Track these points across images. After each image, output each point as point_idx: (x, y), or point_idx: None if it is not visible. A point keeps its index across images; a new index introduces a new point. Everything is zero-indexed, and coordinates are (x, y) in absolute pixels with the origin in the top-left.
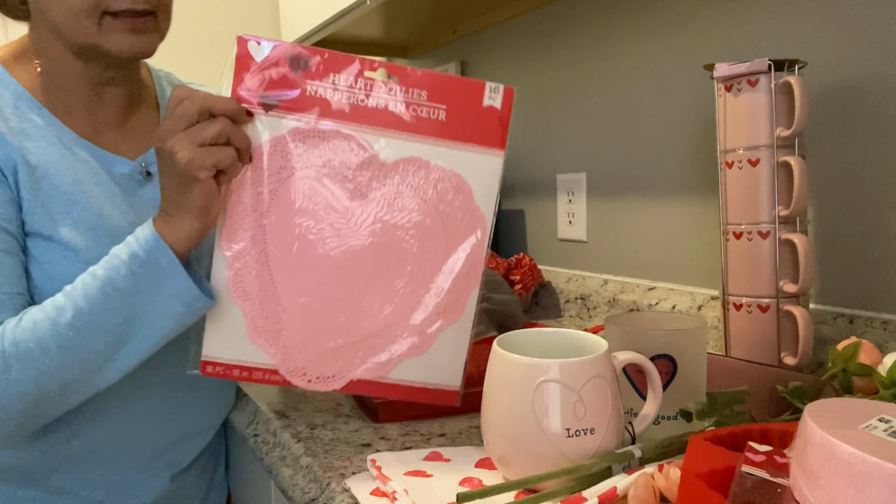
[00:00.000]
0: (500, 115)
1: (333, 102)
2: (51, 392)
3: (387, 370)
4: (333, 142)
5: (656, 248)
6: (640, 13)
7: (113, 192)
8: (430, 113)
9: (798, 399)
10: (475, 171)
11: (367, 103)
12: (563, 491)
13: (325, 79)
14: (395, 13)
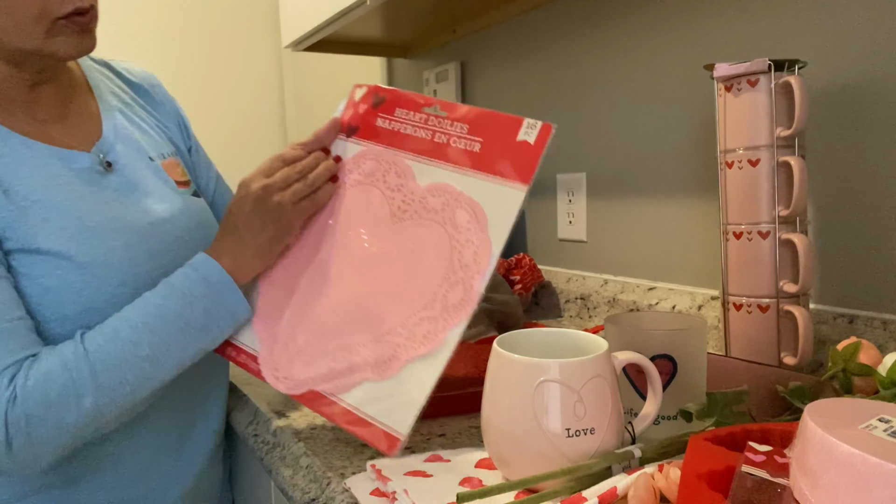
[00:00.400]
0: (532, 151)
1: (393, 132)
2: (114, 420)
3: (345, 388)
4: (383, 164)
5: (656, 248)
6: (640, 13)
7: (81, 190)
8: (466, 145)
9: (798, 399)
10: (495, 202)
11: (417, 134)
12: (563, 491)
13: (392, 113)
14: (395, 13)
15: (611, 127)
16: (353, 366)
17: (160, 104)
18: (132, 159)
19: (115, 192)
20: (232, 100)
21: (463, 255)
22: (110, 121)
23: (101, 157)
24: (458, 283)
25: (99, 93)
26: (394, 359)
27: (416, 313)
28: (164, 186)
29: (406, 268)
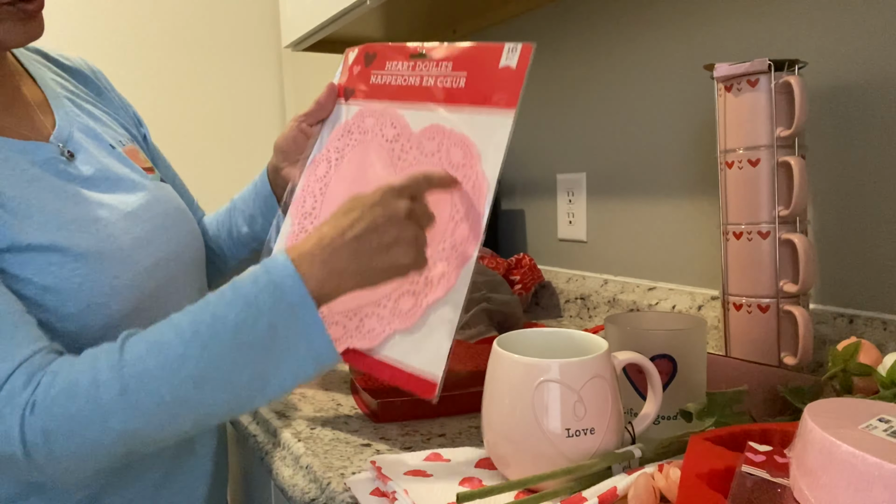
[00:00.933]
0: (515, 75)
1: (386, 87)
2: (147, 445)
3: (377, 341)
4: (380, 119)
5: (656, 248)
6: (640, 13)
7: (52, 184)
8: (452, 82)
9: (798, 399)
10: (484, 134)
11: (408, 83)
12: (563, 491)
13: (384, 67)
14: (395, 13)
15: (611, 127)
16: (382, 319)
17: (104, 91)
18: (93, 147)
19: (84, 183)
20: (232, 100)
21: (461, 193)
22: (61, 109)
23: (62, 147)
24: (462, 221)
25: (42, 81)
26: (415, 306)
27: (429, 256)
28: (133, 174)
29: None
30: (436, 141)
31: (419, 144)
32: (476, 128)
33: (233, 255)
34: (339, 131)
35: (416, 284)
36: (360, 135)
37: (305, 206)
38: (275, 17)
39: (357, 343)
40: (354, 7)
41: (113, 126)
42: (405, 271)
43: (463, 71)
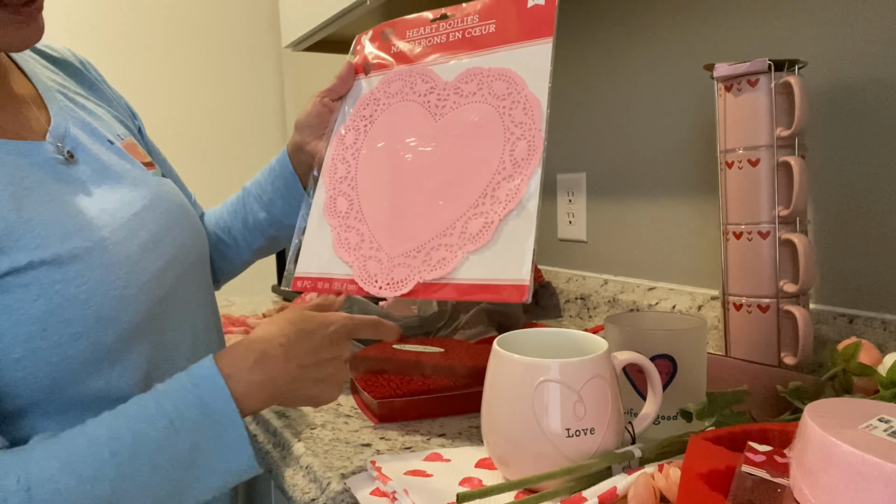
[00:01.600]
0: (546, 9)
1: (409, 51)
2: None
3: (451, 267)
4: (408, 79)
5: (656, 248)
6: (640, 13)
7: (53, 191)
8: (481, 30)
9: (798, 399)
10: (525, 62)
11: (434, 42)
12: (563, 491)
13: (405, 37)
14: (395, 13)
15: (611, 127)
16: (451, 247)
17: (95, 83)
18: (91, 144)
19: (85, 184)
20: (232, 100)
21: (514, 116)
22: (54, 103)
23: (60, 147)
24: (520, 139)
25: (32, 74)
26: (487, 225)
27: (491, 179)
28: (134, 170)
29: (465, 149)
30: (474, 82)
31: (456, 89)
32: (515, 60)
33: (248, 244)
34: (364, 101)
35: (482, 205)
36: (387, 98)
37: (339, 172)
38: (275, 17)
39: (427, 275)
40: (354, 7)
41: (108, 120)
42: (322, 404)
43: (491, 19)
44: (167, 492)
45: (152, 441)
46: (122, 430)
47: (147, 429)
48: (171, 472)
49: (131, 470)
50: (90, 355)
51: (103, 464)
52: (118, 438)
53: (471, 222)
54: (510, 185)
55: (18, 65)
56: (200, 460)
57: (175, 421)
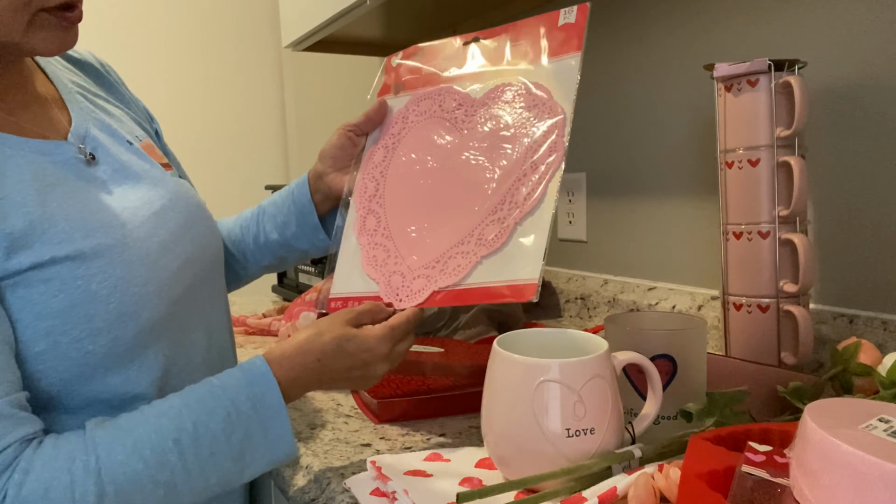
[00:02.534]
0: (576, 26)
1: (440, 73)
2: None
3: (464, 273)
4: (436, 99)
5: (656, 248)
6: (640, 13)
7: (74, 188)
8: (513, 52)
9: (798, 399)
10: (554, 75)
11: (462, 67)
12: (563, 491)
13: (433, 60)
14: (395, 13)
15: (611, 127)
16: (467, 254)
17: (114, 85)
18: (111, 144)
19: (106, 183)
20: (232, 100)
21: (538, 125)
22: (75, 105)
23: (81, 148)
24: (542, 145)
25: (54, 76)
26: (502, 230)
27: (511, 186)
28: (153, 170)
29: (489, 158)
30: (502, 98)
31: (484, 104)
32: (544, 73)
33: (255, 261)
34: (393, 120)
35: (500, 211)
36: (416, 117)
37: (368, 191)
38: (275, 17)
39: (441, 283)
40: (354, 7)
41: (126, 121)
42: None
43: (522, 39)
44: (217, 479)
45: (211, 432)
46: (184, 420)
47: (207, 420)
48: (223, 461)
49: (192, 458)
50: (110, 351)
51: (167, 451)
52: (181, 428)
53: (487, 229)
54: (527, 190)
55: (41, 66)
56: (248, 451)
57: (232, 414)
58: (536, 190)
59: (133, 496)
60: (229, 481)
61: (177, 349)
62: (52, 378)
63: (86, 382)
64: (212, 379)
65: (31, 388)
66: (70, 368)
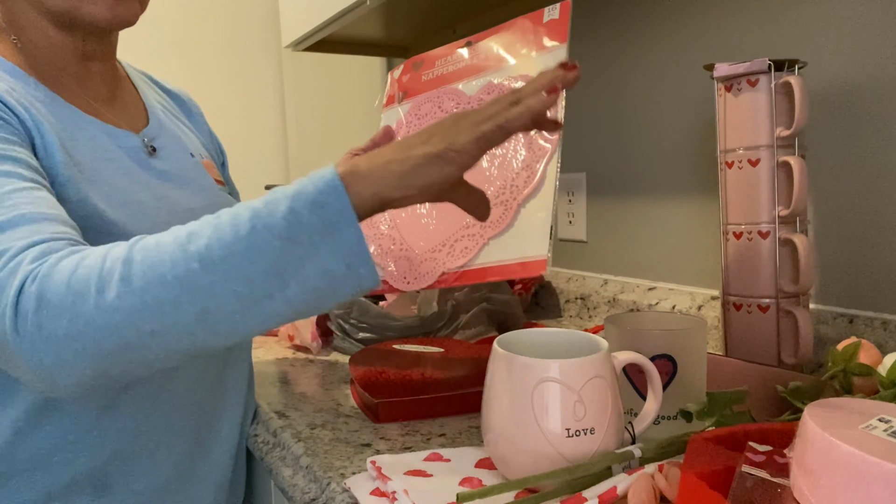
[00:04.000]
0: (560, 22)
1: (440, 77)
2: (146, 338)
3: (473, 254)
4: (436, 100)
5: (656, 248)
6: (640, 14)
7: (128, 166)
8: (503, 51)
9: (798, 399)
10: (543, 64)
11: (460, 66)
12: (563, 491)
13: (434, 66)
14: (395, 13)
15: (611, 127)
16: (473, 237)
17: (195, 116)
18: (175, 150)
19: (158, 174)
20: (231, 99)
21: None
22: (155, 116)
23: (147, 142)
24: (537, 132)
25: (144, 94)
26: (506, 210)
27: (510, 167)
28: (204, 180)
29: (488, 156)
30: (494, 93)
31: (478, 100)
32: (531, 66)
33: None
34: (396, 126)
35: (503, 195)
36: (417, 120)
37: None
38: (275, 17)
39: (450, 264)
40: (354, 7)
41: (196, 142)
42: (442, 159)
43: (510, 37)
44: (265, 268)
45: (249, 210)
46: (244, 210)
47: (270, 211)
48: (269, 240)
49: (229, 230)
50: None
51: (203, 224)
52: (236, 214)
53: (493, 210)
54: (527, 173)
55: (135, 85)
56: (313, 247)
57: (281, 201)
58: (536, 172)
59: (163, 263)
60: (281, 283)
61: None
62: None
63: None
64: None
65: None
66: None
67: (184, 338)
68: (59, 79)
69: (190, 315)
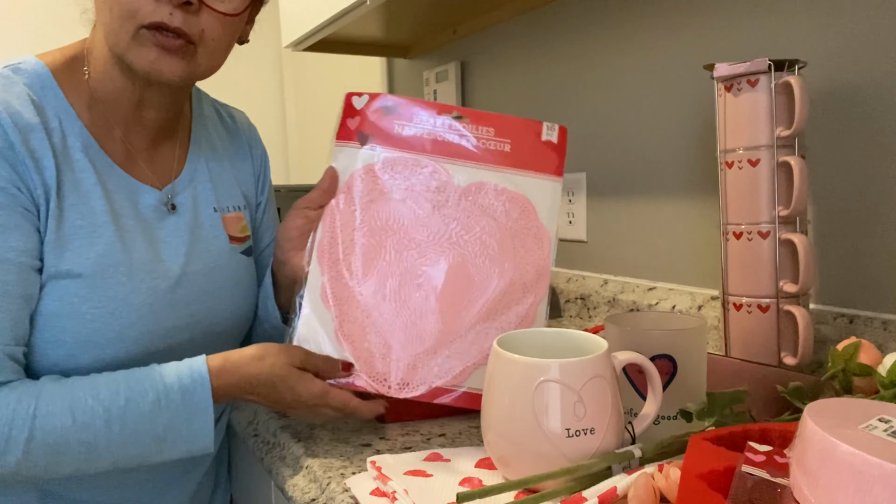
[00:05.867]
0: (557, 148)
1: (416, 138)
2: (47, 477)
3: (462, 380)
4: (415, 169)
5: (656, 248)
6: (639, 13)
7: (136, 226)
8: (497, 146)
9: (798, 399)
10: (537, 192)
11: (444, 138)
12: (563, 491)
13: (411, 120)
14: (395, 13)
15: (611, 127)
16: (462, 358)
17: (249, 157)
18: (196, 206)
19: (169, 231)
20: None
21: (525, 242)
22: (193, 165)
23: (169, 199)
24: (529, 265)
25: (195, 136)
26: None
27: (501, 299)
28: (216, 239)
29: (476, 261)
30: (489, 195)
31: (468, 196)
32: (529, 188)
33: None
34: (360, 178)
35: (494, 322)
36: (391, 181)
37: (334, 254)
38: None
39: (439, 382)
40: (354, 7)
41: (231, 190)
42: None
43: (507, 138)
44: (136, 453)
45: (139, 410)
46: (119, 393)
47: (139, 399)
48: (145, 438)
49: (116, 428)
50: (63, 361)
51: (96, 416)
52: (114, 399)
53: (480, 338)
54: (520, 309)
55: (192, 122)
56: (169, 435)
57: (162, 400)
58: (529, 310)
59: (57, 447)
60: (148, 457)
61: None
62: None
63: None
64: (156, 365)
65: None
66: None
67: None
68: (109, 124)
69: (75, 473)
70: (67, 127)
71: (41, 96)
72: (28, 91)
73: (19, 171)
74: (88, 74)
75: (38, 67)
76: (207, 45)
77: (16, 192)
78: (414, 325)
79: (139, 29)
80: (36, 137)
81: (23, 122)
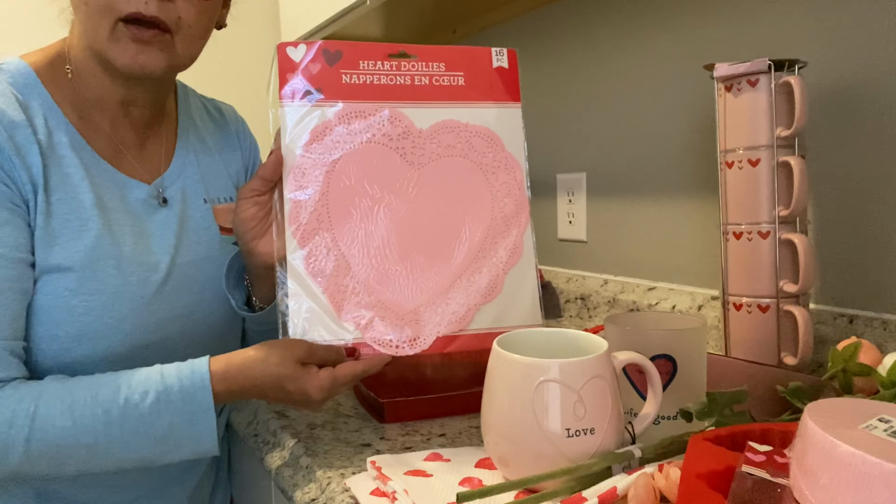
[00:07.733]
0: (510, 73)
1: (368, 86)
2: (47, 476)
3: (465, 322)
4: (372, 118)
5: (656, 248)
6: (640, 13)
7: (125, 220)
8: (450, 80)
9: (798, 399)
10: (500, 123)
11: (395, 82)
12: (563, 491)
13: (357, 67)
14: (395, 13)
15: (611, 127)
16: (461, 302)
17: (238, 149)
18: (186, 198)
19: (158, 225)
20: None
21: (497, 175)
22: (181, 158)
23: (159, 192)
24: (507, 197)
25: (183, 130)
26: (494, 280)
27: (486, 236)
28: (207, 231)
29: (452, 203)
30: (453, 134)
31: (433, 138)
32: (490, 119)
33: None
34: (318, 136)
35: (483, 260)
36: (350, 136)
37: (310, 225)
38: (275, 17)
39: (444, 329)
40: (354, 7)
41: (222, 182)
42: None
43: (459, 71)
44: (139, 455)
45: (139, 411)
46: (119, 394)
47: (138, 400)
48: (146, 440)
49: (116, 430)
50: (57, 355)
51: (95, 419)
52: (114, 401)
53: (475, 277)
54: (507, 242)
55: (179, 117)
56: (172, 437)
57: (162, 401)
58: (517, 241)
59: (58, 447)
60: (154, 458)
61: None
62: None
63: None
64: (159, 366)
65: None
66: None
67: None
68: (94, 121)
69: (75, 473)
70: (53, 124)
71: (25, 95)
72: (12, 90)
73: (6, 168)
74: (71, 73)
75: (21, 67)
76: (184, 33)
77: (3, 189)
78: (408, 280)
79: (116, 23)
80: (21, 134)
81: (7, 120)
